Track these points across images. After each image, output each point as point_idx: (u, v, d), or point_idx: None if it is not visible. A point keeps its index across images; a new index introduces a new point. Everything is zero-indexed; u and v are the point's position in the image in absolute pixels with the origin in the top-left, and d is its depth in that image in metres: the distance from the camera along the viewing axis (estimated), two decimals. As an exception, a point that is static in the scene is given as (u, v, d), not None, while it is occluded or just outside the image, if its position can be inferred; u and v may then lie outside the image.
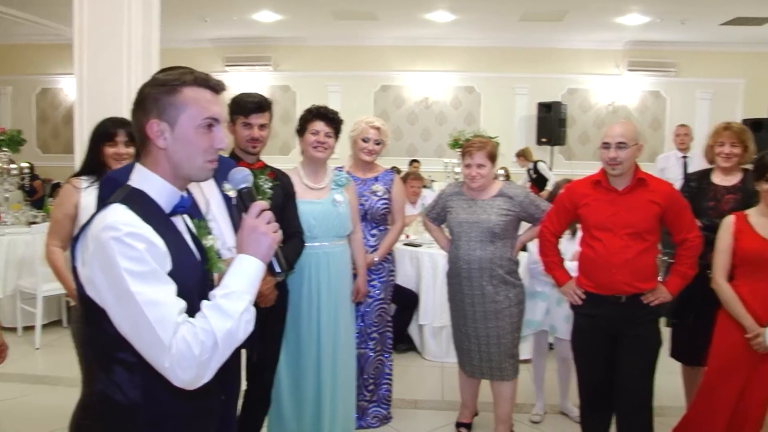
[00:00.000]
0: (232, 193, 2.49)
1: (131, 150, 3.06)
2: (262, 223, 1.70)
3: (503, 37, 11.22)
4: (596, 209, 3.33)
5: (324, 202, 3.61)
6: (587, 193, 3.38)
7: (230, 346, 1.57)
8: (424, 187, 7.23)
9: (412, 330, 5.68)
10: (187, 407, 1.65)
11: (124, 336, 1.53)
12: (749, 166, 3.68)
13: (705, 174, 3.96)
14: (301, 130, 3.66)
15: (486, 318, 3.78)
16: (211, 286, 1.74)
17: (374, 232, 4.15)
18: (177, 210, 1.72)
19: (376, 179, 4.15)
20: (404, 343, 5.68)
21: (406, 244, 5.76)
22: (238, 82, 10.87)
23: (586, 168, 3.53)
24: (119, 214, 1.55)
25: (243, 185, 1.78)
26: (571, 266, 3.80)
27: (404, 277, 5.59)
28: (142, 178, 1.69)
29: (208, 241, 1.84)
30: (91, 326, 1.62)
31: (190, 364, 1.50)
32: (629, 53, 11.55)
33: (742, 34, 10.46)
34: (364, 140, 4.05)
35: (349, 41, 11.50)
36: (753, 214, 3.32)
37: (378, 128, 4.06)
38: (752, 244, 3.24)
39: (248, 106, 3.16)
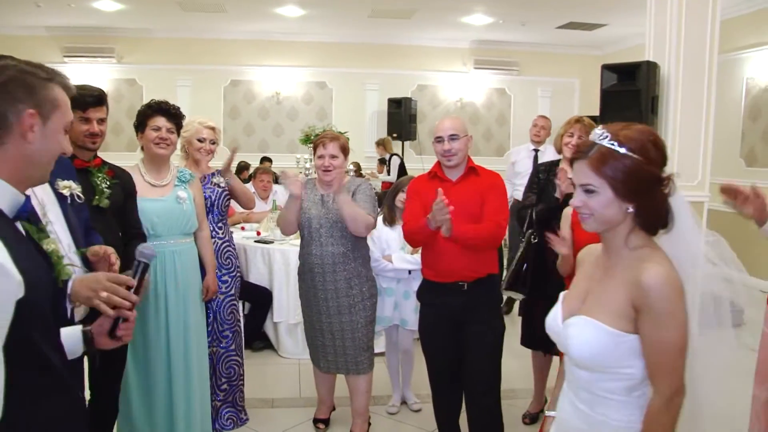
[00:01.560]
0: (66, 191, 2.39)
1: None
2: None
3: (354, 33, 11.31)
4: (433, 200, 3.40)
5: (167, 200, 3.51)
6: (426, 186, 3.47)
7: None
8: (276, 182, 7.13)
9: (268, 328, 5.61)
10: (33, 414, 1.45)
11: None
12: None
13: (554, 165, 4.12)
14: (141, 126, 3.56)
15: (340, 312, 3.79)
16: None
17: (220, 224, 4.11)
18: (21, 214, 1.55)
19: (213, 174, 4.10)
20: (260, 341, 5.60)
21: (257, 241, 5.67)
22: (79, 74, 10.23)
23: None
24: None
25: (148, 259, 1.84)
26: (407, 257, 4.09)
27: (257, 275, 5.51)
28: None
29: (48, 245, 1.71)
30: None
31: None
32: (475, 52, 11.94)
33: (575, 37, 11.11)
34: (200, 140, 4.01)
35: (198, 34, 11.18)
36: None
37: (213, 128, 4.06)
38: (581, 237, 3.31)
39: (86, 100, 2.97)
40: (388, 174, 10.30)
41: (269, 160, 10.60)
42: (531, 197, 4.12)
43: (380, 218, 4.40)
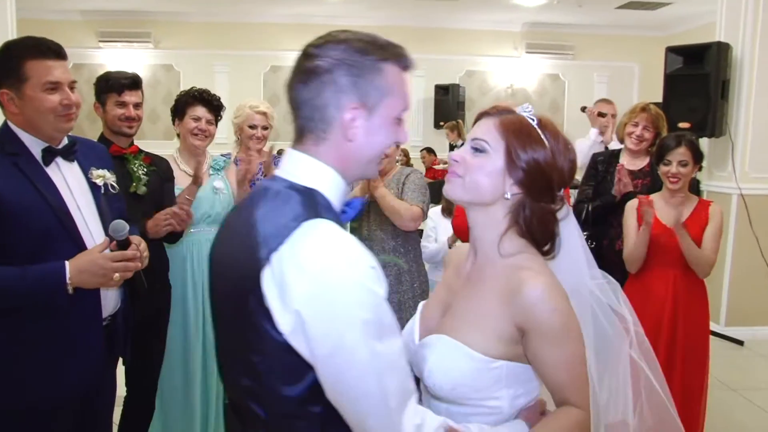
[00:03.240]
0: (99, 181, 2.37)
1: None
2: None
3: (398, 16, 10.96)
4: None
5: (204, 189, 3.36)
6: None
7: None
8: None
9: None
10: None
11: (333, 401, 1.22)
12: None
13: (614, 155, 3.92)
14: (180, 114, 3.44)
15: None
16: None
17: None
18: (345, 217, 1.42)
19: (260, 167, 3.85)
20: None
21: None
22: (115, 59, 10.33)
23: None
24: (344, 243, 1.22)
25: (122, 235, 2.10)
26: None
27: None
28: (313, 173, 1.32)
29: None
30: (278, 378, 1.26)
31: None
32: (527, 35, 11.60)
33: (636, 18, 10.69)
34: (251, 127, 3.82)
35: (237, 17, 10.96)
36: (657, 199, 3.34)
37: (264, 113, 3.87)
38: (652, 229, 3.25)
39: (121, 83, 3.02)
40: None
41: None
42: (587, 190, 3.88)
43: (438, 208, 4.44)
